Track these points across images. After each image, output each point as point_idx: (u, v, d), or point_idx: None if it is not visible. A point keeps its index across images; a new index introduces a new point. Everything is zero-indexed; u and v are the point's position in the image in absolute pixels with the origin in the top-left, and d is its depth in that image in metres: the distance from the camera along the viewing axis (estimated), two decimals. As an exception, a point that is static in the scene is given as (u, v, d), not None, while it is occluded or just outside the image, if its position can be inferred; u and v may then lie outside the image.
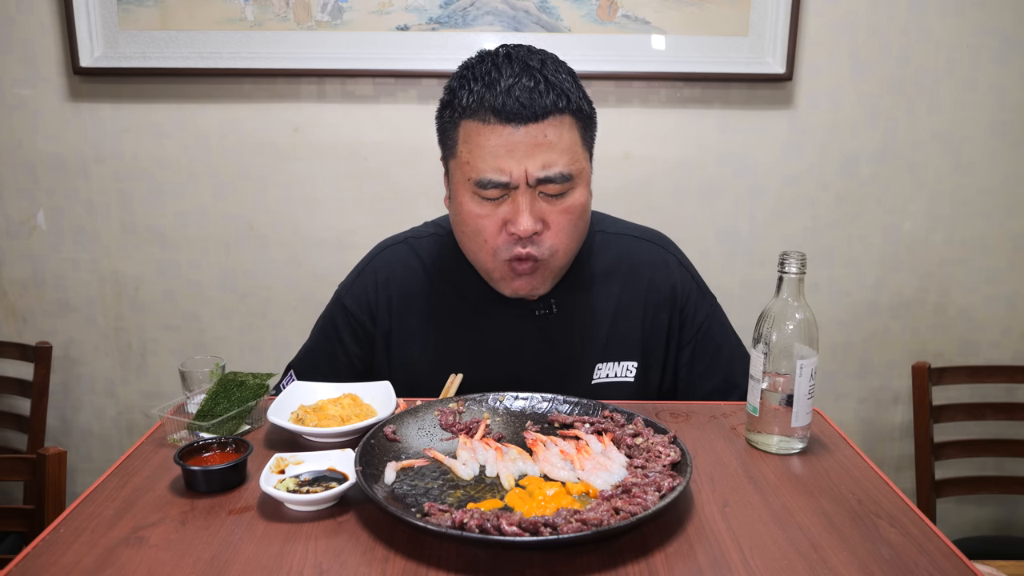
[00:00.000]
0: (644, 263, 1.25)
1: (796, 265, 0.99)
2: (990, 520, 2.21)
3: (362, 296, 1.25)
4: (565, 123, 1.05)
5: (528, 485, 0.91)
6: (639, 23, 1.89)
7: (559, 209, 1.07)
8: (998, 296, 2.08)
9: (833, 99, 1.96)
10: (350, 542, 0.81)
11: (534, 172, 1.03)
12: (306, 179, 2.01)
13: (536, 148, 1.03)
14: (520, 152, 1.03)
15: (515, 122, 1.02)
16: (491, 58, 1.07)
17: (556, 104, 1.03)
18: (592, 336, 1.22)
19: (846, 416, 2.14)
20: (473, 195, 1.07)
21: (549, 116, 1.03)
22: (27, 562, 0.78)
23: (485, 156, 1.04)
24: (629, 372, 1.22)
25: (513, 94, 1.02)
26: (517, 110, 1.02)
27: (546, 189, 1.05)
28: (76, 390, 2.13)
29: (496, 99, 1.02)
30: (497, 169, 1.04)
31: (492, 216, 1.07)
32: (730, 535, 0.83)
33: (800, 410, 1.00)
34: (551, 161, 1.04)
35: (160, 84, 1.94)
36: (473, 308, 1.21)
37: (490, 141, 1.04)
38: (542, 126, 1.03)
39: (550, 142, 1.03)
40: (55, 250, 2.05)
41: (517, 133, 1.03)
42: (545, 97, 1.03)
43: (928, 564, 0.79)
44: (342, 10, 1.88)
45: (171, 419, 1.05)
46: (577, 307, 1.21)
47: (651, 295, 1.24)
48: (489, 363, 1.21)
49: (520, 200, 1.05)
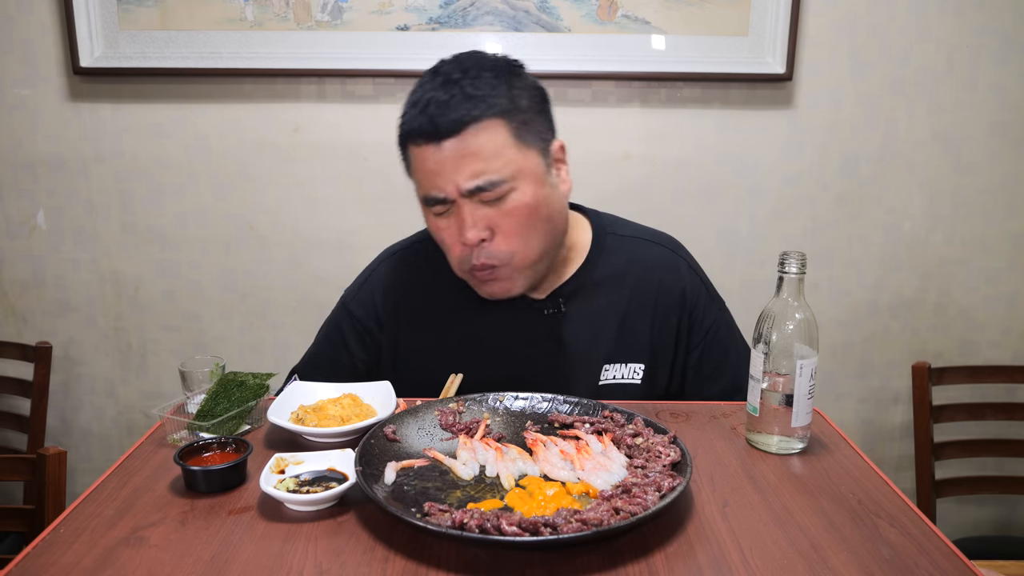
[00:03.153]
0: (654, 266, 1.25)
1: (796, 265, 0.99)
2: (990, 520, 2.21)
3: (368, 302, 1.26)
4: (490, 128, 1.04)
5: (528, 485, 0.91)
6: (639, 23, 1.89)
7: (502, 213, 1.07)
8: (998, 296, 2.08)
9: (833, 99, 1.96)
10: (350, 542, 0.81)
11: (463, 184, 1.05)
12: (306, 179, 2.01)
13: (461, 160, 1.04)
14: (448, 167, 1.04)
15: (435, 140, 1.04)
16: (422, 77, 1.09)
17: (471, 113, 1.03)
18: (600, 337, 1.22)
19: (846, 416, 2.14)
20: (428, 211, 1.12)
21: (468, 127, 1.03)
22: (27, 562, 0.78)
23: (423, 176, 1.08)
24: (636, 374, 1.23)
25: (428, 112, 1.04)
26: (433, 128, 1.03)
27: (483, 197, 1.06)
28: (76, 390, 2.13)
29: (416, 120, 1.05)
30: (432, 186, 1.07)
31: (448, 229, 1.10)
32: (730, 535, 0.83)
33: (800, 410, 1.00)
34: (479, 170, 1.04)
35: (160, 84, 1.94)
36: (480, 309, 1.21)
37: (424, 163, 1.07)
38: (462, 138, 1.03)
39: (474, 151, 1.04)
40: (55, 250, 2.05)
41: (441, 150, 1.04)
42: (459, 109, 1.03)
43: (928, 564, 0.79)
44: (342, 10, 1.88)
45: (171, 419, 1.05)
46: (586, 308, 1.22)
47: (661, 298, 1.24)
48: (498, 363, 1.21)
49: (461, 211, 1.07)
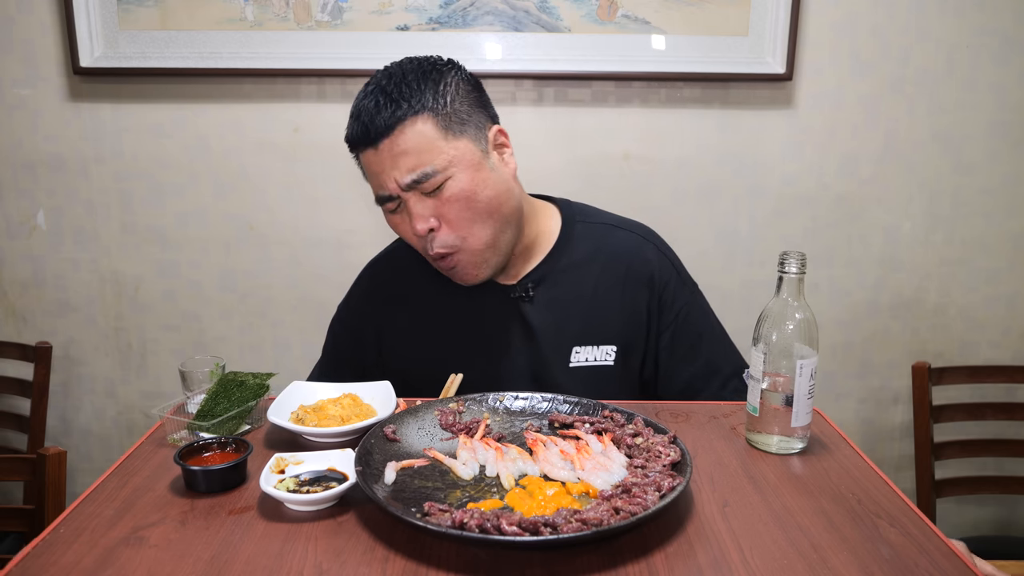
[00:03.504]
0: (622, 251, 1.29)
1: (796, 265, 0.99)
2: (990, 520, 2.21)
3: (355, 309, 1.36)
4: (415, 126, 1.10)
5: (528, 485, 0.91)
6: (639, 23, 1.89)
7: (443, 201, 1.12)
8: (998, 296, 2.08)
9: (833, 99, 1.96)
10: (350, 542, 0.81)
11: (401, 179, 1.11)
12: (306, 179, 2.01)
13: (396, 158, 1.10)
14: (386, 166, 1.11)
15: (372, 143, 1.11)
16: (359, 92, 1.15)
17: (395, 114, 1.09)
18: (569, 320, 1.25)
19: (846, 416, 2.14)
20: (384, 211, 1.18)
21: (394, 127, 1.09)
22: (27, 562, 0.78)
23: (371, 178, 1.15)
24: (608, 356, 1.26)
25: (361, 120, 1.11)
26: (366, 133, 1.11)
27: (422, 188, 1.12)
28: (76, 390, 2.13)
29: (353, 129, 1.13)
30: (378, 186, 1.14)
31: (403, 223, 1.17)
32: (730, 535, 0.83)
33: (800, 410, 1.00)
34: (412, 164, 1.10)
35: (160, 84, 1.94)
36: (454, 298, 1.28)
37: (369, 166, 1.14)
38: (393, 137, 1.10)
39: (404, 148, 1.10)
40: (55, 250, 2.05)
41: (379, 152, 1.11)
42: (383, 112, 1.09)
43: (928, 564, 0.79)
44: (342, 10, 1.88)
45: (171, 419, 1.05)
46: (554, 292, 1.26)
47: (629, 281, 1.27)
48: (472, 348, 1.27)
49: (408, 206, 1.13)
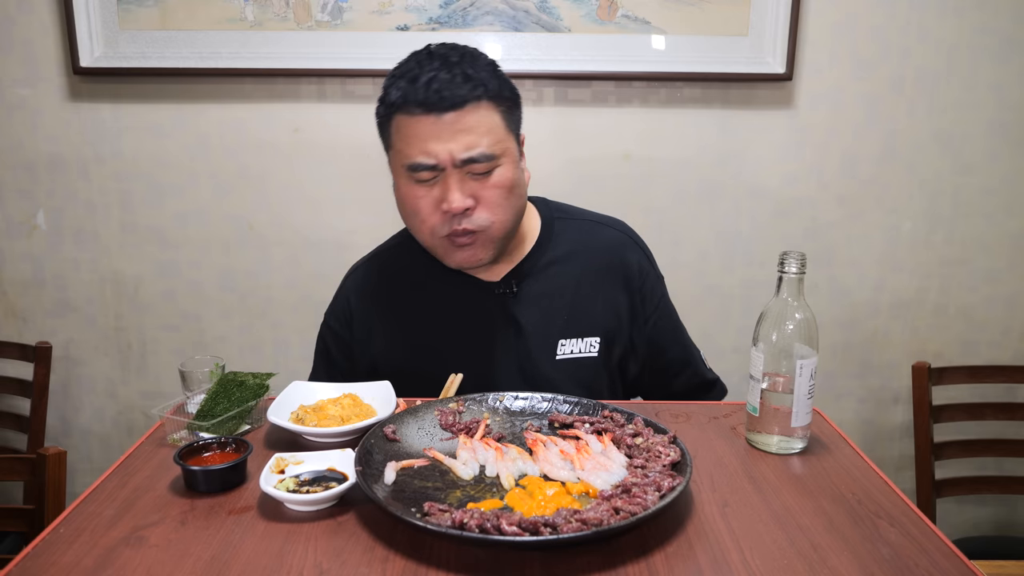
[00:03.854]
0: (602, 245, 1.33)
1: (796, 265, 0.99)
2: (990, 520, 2.21)
3: (340, 314, 1.37)
4: (484, 109, 1.15)
5: (528, 485, 0.91)
6: (639, 23, 1.89)
7: (488, 185, 1.16)
8: (998, 296, 2.08)
9: (833, 99, 1.96)
10: (350, 542, 0.81)
11: (458, 154, 1.13)
12: (306, 179, 2.01)
13: (458, 132, 1.13)
14: (444, 137, 1.13)
15: (436, 111, 1.13)
16: (415, 57, 1.18)
17: (473, 93, 1.14)
18: (553, 314, 1.29)
19: (846, 416, 2.14)
20: (408, 179, 1.18)
21: (467, 104, 1.13)
22: (27, 562, 0.78)
23: (414, 143, 1.15)
24: (592, 347, 1.29)
25: (432, 87, 1.13)
26: (436, 101, 1.12)
27: (472, 168, 1.15)
28: (76, 390, 2.13)
29: (418, 93, 1.13)
30: (424, 153, 1.14)
31: (427, 197, 1.17)
32: (730, 535, 0.83)
33: (800, 410, 1.00)
34: (473, 143, 1.14)
35: (160, 84, 1.94)
36: (438, 298, 1.30)
37: (417, 130, 1.14)
38: (462, 113, 1.13)
39: (470, 126, 1.14)
40: (55, 250, 2.05)
41: (440, 121, 1.13)
42: (462, 87, 1.13)
43: (928, 564, 0.79)
44: (342, 10, 1.88)
45: (171, 419, 1.05)
46: (536, 287, 1.29)
47: (609, 274, 1.31)
48: (460, 344, 1.28)
49: (450, 180, 1.15)
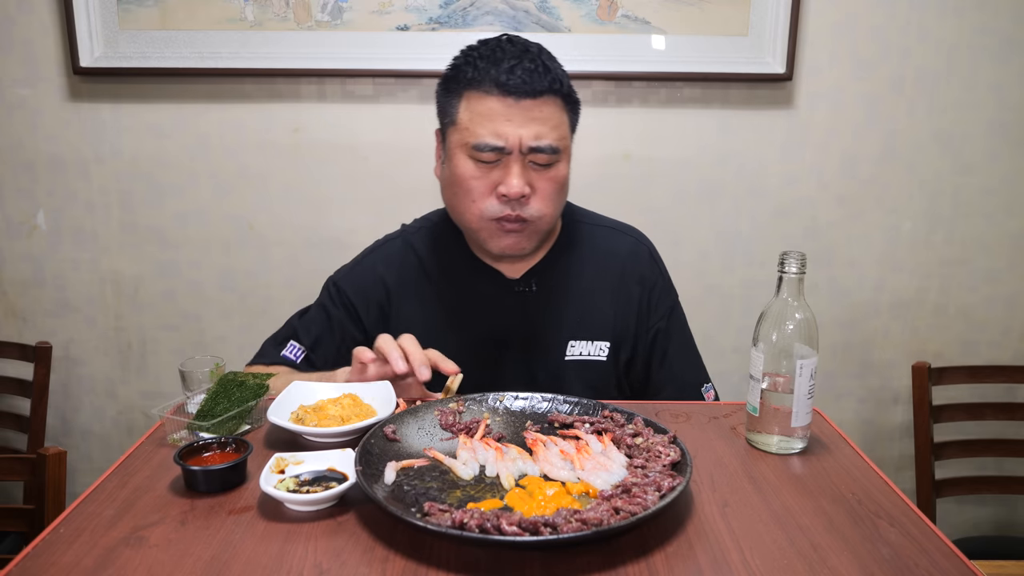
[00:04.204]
0: (618, 252, 1.35)
1: (796, 265, 0.99)
2: (990, 520, 2.21)
3: (359, 282, 1.35)
4: (556, 104, 1.18)
5: (528, 485, 0.91)
6: (639, 23, 1.89)
7: (546, 177, 1.19)
8: (998, 296, 2.08)
9: (833, 99, 1.96)
10: (350, 542, 0.81)
11: (528, 140, 1.15)
12: (306, 179, 2.01)
13: (531, 120, 1.15)
14: (516, 122, 1.15)
15: (514, 96, 1.14)
16: (495, 41, 1.20)
17: (551, 86, 1.16)
18: (566, 314, 1.31)
19: (846, 416, 2.14)
20: (469, 158, 1.18)
21: (544, 95, 1.16)
22: (27, 562, 0.78)
23: (484, 123, 1.16)
24: (602, 351, 1.31)
25: (516, 72, 1.14)
26: (517, 86, 1.14)
27: (536, 158, 1.17)
28: (76, 390, 2.13)
29: (500, 75, 1.15)
30: (495, 134, 1.15)
31: (484, 179, 1.18)
32: (730, 535, 0.83)
33: (800, 410, 1.00)
34: (543, 133, 1.16)
35: (160, 84, 1.94)
36: (461, 286, 1.32)
37: (491, 109, 1.15)
38: (537, 103, 1.15)
39: (543, 117, 1.16)
40: (55, 250, 2.05)
41: (516, 106, 1.15)
42: (543, 78, 1.15)
43: (928, 564, 0.79)
44: (342, 10, 1.88)
45: (171, 419, 1.05)
46: (553, 288, 1.31)
47: (623, 281, 1.33)
48: (474, 335, 1.30)
49: (512, 165, 1.16)
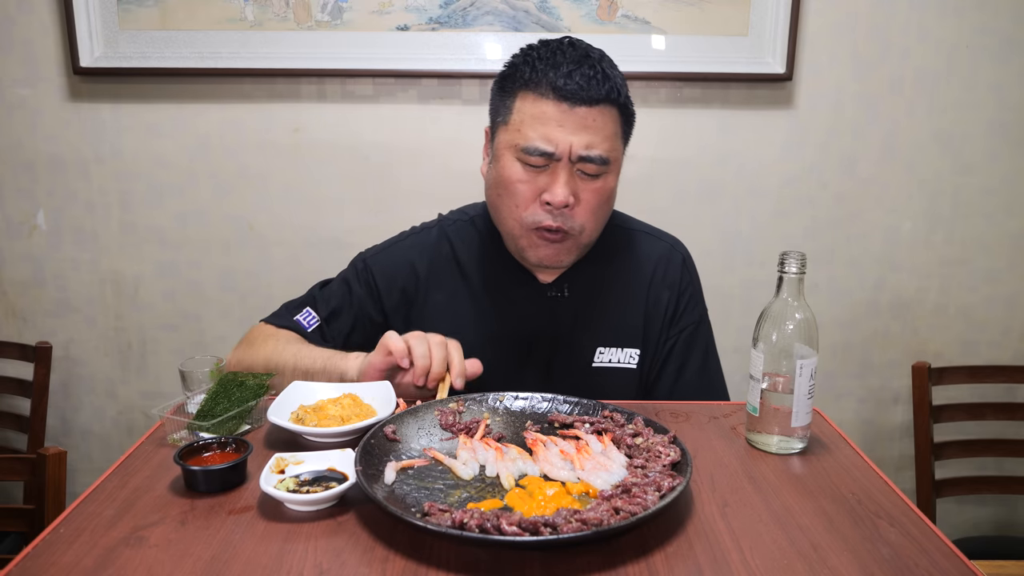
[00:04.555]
0: (653, 258, 1.33)
1: (796, 265, 0.99)
2: (990, 520, 2.21)
3: (389, 265, 1.32)
4: (611, 114, 1.14)
5: (528, 485, 0.91)
6: (639, 23, 1.89)
7: (592, 188, 1.16)
8: (998, 296, 2.08)
9: (833, 99, 1.96)
10: (350, 542, 0.81)
11: (578, 149, 1.12)
12: (306, 179, 2.01)
13: (584, 128, 1.12)
14: (569, 128, 1.12)
15: (570, 102, 1.11)
16: (556, 43, 1.17)
17: (609, 95, 1.12)
18: (597, 321, 1.28)
19: (846, 416, 2.14)
20: (516, 160, 1.15)
21: (600, 104, 1.12)
22: (27, 562, 0.78)
23: (536, 125, 1.13)
24: (632, 359, 1.29)
25: (574, 77, 1.11)
26: (574, 91, 1.11)
27: (584, 168, 1.14)
28: (76, 390, 2.13)
29: (558, 78, 1.11)
30: (545, 138, 1.12)
31: (530, 183, 1.15)
32: (730, 535, 0.83)
33: (800, 410, 1.00)
34: (594, 143, 1.12)
35: (160, 84, 1.94)
36: (493, 287, 1.29)
37: (544, 113, 1.12)
38: (593, 111, 1.12)
39: (597, 126, 1.12)
40: (55, 250, 2.05)
41: (570, 112, 1.11)
42: (601, 86, 1.12)
43: (928, 564, 0.79)
44: (342, 10, 1.88)
45: (171, 419, 1.05)
46: (586, 293, 1.29)
47: (654, 287, 1.31)
48: (502, 338, 1.27)
49: (560, 172, 1.13)
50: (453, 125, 1.97)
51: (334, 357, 1.18)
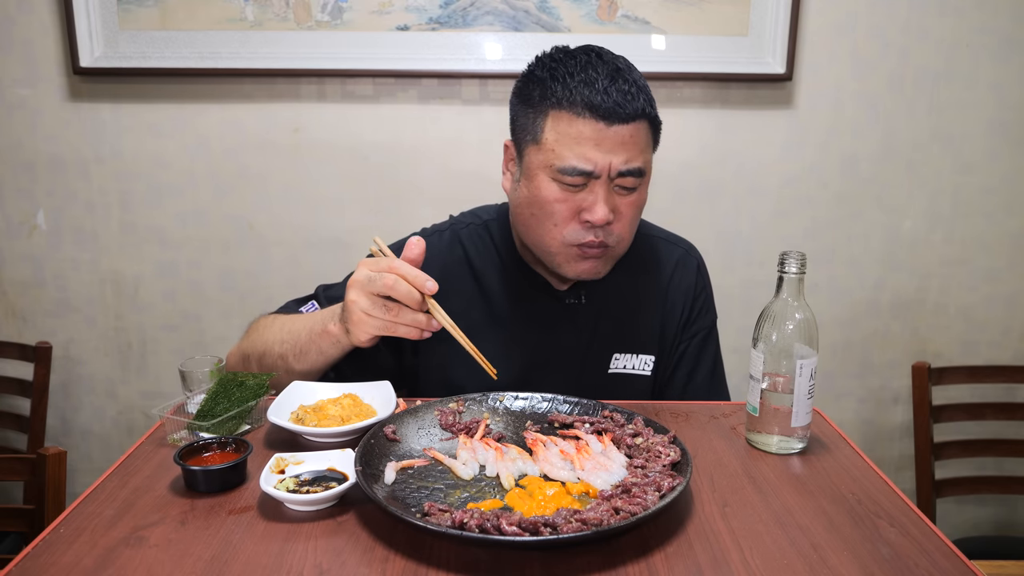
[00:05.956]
0: (669, 263, 1.34)
1: (796, 265, 0.99)
2: (990, 520, 2.21)
3: None
4: (644, 126, 1.13)
5: (528, 485, 0.91)
6: (639, 23, 1.89)
7: (628, 202, 1.15)
8: (998, 296, 2.08)
9: (833, 99, 1.96)
10: (350, 542, 0.81)
11: (618, 166, 1.11)
12: (306, 179, 2.01)
13: (621, 145, 1.11)
14: (607, 147, 1.10)
15: (608, 120, 1.10)
16: (584, 57, 1.14)
17: (643, 109, 1.12)
18: (613, 328, 1.29)
19: (846, 416, 2.14)
20: (552, 180, 1.13)
21: (636, 120, 1.11)
22: (27, 562, 0.78)
23: (573, 146, 1.11)
24: (647, 366, 1.29)
25: (611, 95, 1.09)
26: (612, 109, 1.09)
27: (623, 182, 1.13)
28: (76, 390, 2.13)
29: (595, 96, 1.09)
30: (584, 158, 1.10)
31: (568, 202, 1.13)
32: (730, 535, 0.83)
33: (800, 410, 1.00)
34: (632, 158, 1.12)
35: (160, 84, 1.94)
36: (509, 294, 1.28)
37: (582, 133, 1.10)
38: (629, 127, 1.11)
39: (633, 141, 1.12)
40: (55, 250, 2.05)
41: (608, 130, 1.10)
42: (636, 101, 1.11)
43: (928, 564, 0.79)
44: (342, 10, 1.88)
45: (171, 419, 1.05)
46: (602, 301, 1.29)
47: (670, 292, 1.32)
48: (518, 345, 1.27)
49: (599, 190, 1.12)
50: (453, 125, 1.97)
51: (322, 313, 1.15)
